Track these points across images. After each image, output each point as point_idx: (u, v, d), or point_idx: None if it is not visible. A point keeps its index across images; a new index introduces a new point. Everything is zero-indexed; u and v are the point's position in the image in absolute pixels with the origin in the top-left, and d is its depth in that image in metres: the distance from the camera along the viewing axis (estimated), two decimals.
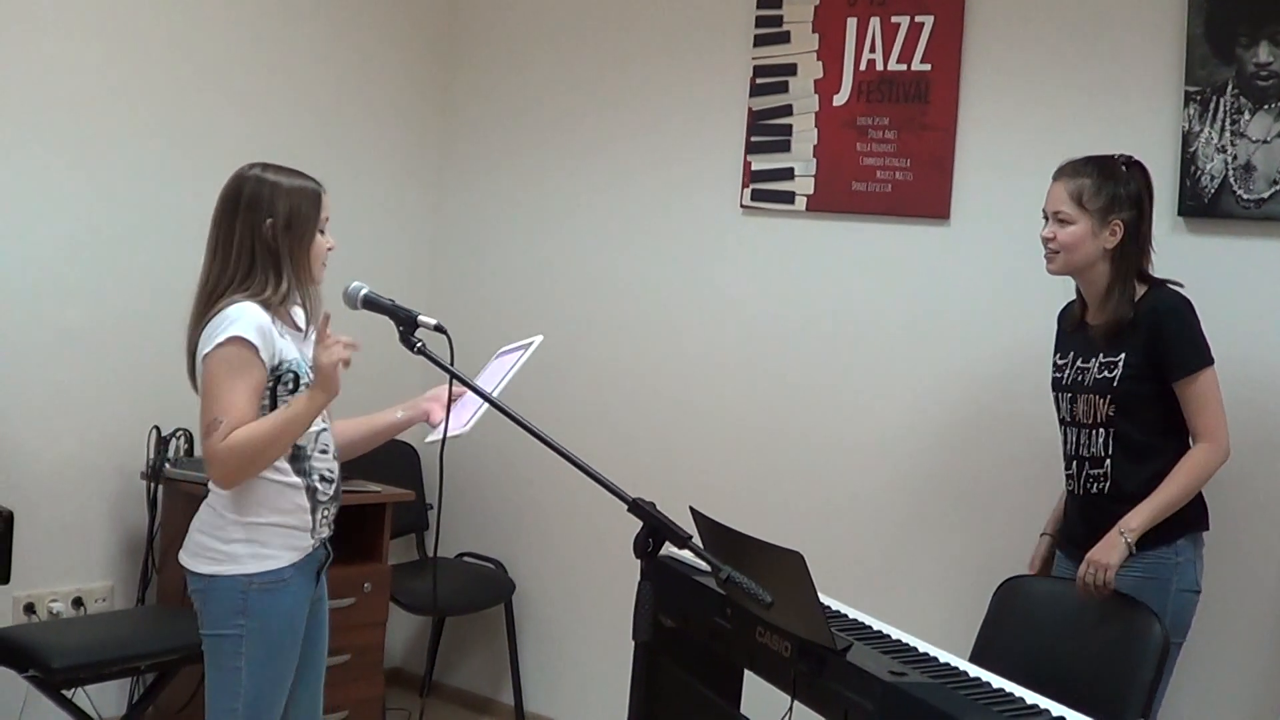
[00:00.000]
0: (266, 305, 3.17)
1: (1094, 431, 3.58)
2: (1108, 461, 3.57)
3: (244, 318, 3.11)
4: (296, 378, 3.19)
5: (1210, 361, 3.51)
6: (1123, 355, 3.52)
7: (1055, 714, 2.69)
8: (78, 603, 4.70)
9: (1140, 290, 3.56)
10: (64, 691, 4.05)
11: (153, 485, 4.73)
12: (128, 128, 4.77)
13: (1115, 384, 3.52)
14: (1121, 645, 3.36)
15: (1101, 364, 3.56)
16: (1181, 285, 3.57)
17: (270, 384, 3.15)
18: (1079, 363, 3.64)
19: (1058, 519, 3.88)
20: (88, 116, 4.66)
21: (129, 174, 4.78)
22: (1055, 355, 3.79)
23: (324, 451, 3.29)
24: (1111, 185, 3.54)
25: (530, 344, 3.22)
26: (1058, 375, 3.74)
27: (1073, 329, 3.74)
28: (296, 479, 3.21)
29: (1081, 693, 3.04)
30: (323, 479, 3.27)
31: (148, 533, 4.75)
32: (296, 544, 3.23)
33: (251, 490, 3.17)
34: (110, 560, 4.82)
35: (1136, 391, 3.51)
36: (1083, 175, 3.57)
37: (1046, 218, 3.63)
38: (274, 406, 3.16)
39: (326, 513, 3.30)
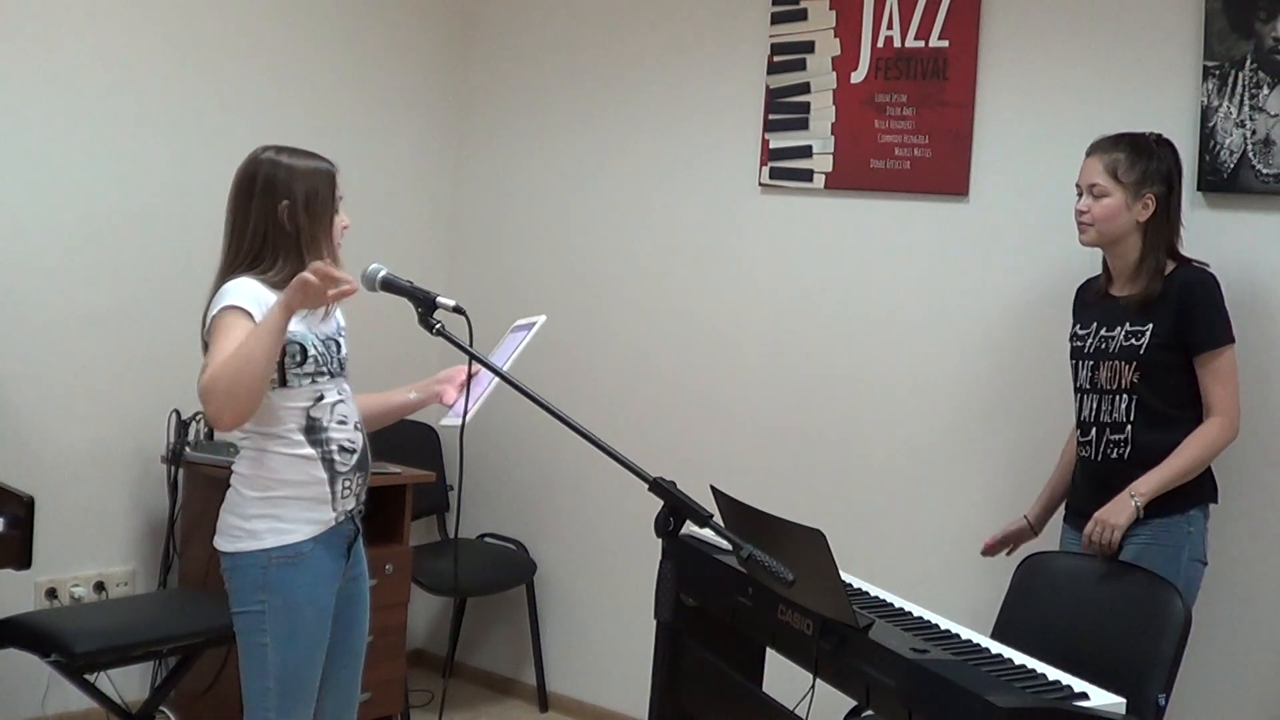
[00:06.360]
0: (274, 286, 3.16)
1: (1117, 397, 3.64)
2: (1129, 427, 3.62)
3: (240, 290, 3.12)
4: (303, 350, 3.18)
5: (1233, 340, 3.59)
6: (1150, 325, 3.58)
7: (1078, 689, 2.69)
8: (99, 587, 4.73)
9: (1169, 268, 3.63)
10: (86, 676, 4.07)
11: (173, 469, 4.74)
12: (147, 109, 4.78)
13: (1142, 350, 3.58)
14: (1143, 621, 3.35)
15: (1128, 332, 3.62)
16: (1207, 265, 3.64)
17: (278, 359, 3.13)
18: (1102, 331, 3.69)
19: (1046, 501, 4.00)
20: (108, 99, 4.66)
21: (148, 156, 4.79)
22: (1075, 327, 3.84)
23: (342, 423, 3.28)
24: (1144, 160, 3.63)
25: (534, 323, 3.21)
26: (1078, 344, 3.78)
27: (1095, 300, 3.79)
28: (310, 450, 3.20)
29: (1103, 668, 3.04)
30: (342, 449, 3.26)
31: (169, 516, 4.76)
32: (316, 517, 3.22)
33: (267, 465, 3.18)
34: (131, 544, 4.84)
35: (1161, 360, 3.57)
36: (1117, 150, 3.66)
37: (1080, 192, 3.70)
38: (283, 383, 3.17)
39: (348, 484, 3.29)
